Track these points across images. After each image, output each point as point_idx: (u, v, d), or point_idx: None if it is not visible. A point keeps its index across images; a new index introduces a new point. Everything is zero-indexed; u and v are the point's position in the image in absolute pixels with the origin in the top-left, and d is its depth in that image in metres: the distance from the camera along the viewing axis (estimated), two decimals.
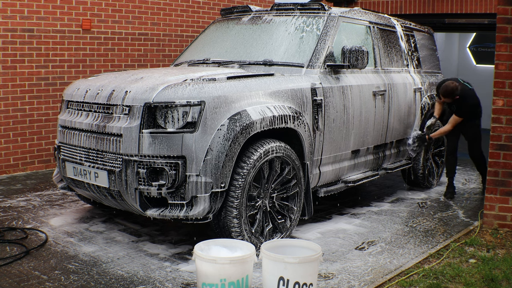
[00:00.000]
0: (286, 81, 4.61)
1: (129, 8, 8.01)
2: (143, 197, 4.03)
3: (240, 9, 5.89)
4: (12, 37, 6.84)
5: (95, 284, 3.66)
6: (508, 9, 4.78)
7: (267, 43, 5.17)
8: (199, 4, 8.99)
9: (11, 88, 6.93)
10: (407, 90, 6.17)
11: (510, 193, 4.88)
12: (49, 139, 7.34)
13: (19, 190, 6.18)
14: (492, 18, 7.82)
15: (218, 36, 5.69)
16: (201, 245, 3.50)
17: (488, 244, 4.61)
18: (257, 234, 4.25)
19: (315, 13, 5.28)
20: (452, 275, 3.90)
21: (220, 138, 3.96)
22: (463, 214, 5.58)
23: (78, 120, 4.45)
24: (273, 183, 4.36)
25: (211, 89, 4.03)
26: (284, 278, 3.29)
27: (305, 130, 4.60)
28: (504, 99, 4.84)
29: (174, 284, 3.70)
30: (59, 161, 4.68)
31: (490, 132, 4.92)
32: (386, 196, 6.34)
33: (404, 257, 4.31)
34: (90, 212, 5.33)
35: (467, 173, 7.74)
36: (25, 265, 3.98)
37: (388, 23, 6.21)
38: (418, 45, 6.80)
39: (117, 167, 4.06)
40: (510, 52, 4.81)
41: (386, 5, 9.06)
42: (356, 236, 4.79)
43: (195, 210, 3.94)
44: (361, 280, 3.81)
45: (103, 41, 7.77)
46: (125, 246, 4.43)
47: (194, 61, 5.49)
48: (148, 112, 3.97)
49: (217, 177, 3.95)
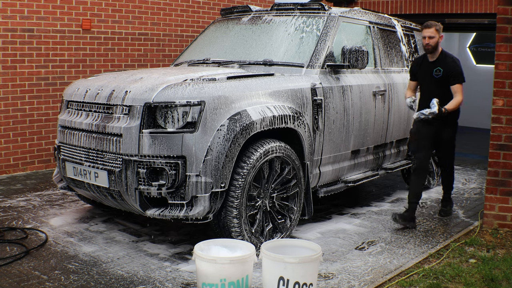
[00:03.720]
0: (286, 81, 4.61)
1: (129, 8, 8.01)
2: (143, 197, 4.03)
3: (240, 9, 5.89)
4: (12, 37, 6.84)
5: (95, 284, 3.66)
6: (508, 9, 4.77)
7: (267, 43, 5.17)
8: (199, 4, 8.98)
9: (11, 88, 6.93)
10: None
11: (510, 193, 4.88)
12: (49, 139, 7.34)
13: (19, 190, 6.18)
14: (492, 18, 7.81)
15: (218, 36, 5.69)
16: (201, 245, 3.50)
17: (488, 244, 4.61)
18: (257, 234, 4.25)
19: (315, 13, 5.28)
20: (452, 275, 3.90)
21: (220, 138, 3.96)
22: (463, 214, 5.58)
23: (78, 120, 4.45)
24: (273, 183, 4.36)
25: (211, 89, 4.03)
26: (284, 278, 3.29)
27: (305, 130, 4.59)
28: (504, 99, 4.84)
29: (174, 284, 3.70)
30: (59, 161, 4.68)
31: (490, 132, 4.92)
32: (386, 196, 6.34)
33: (404, 257, 4.31)
34: (90, 212, 5.33)
35: (467, 173, 7.74)
36: (25, 265, 3.98)
37: (388, 23, 6.21)
38: (418, 45, 6.80)
39: (117, 167, 4.06)
40: (510, 52, 4.81)
41: (386, 5, 9.06)
42: (356, 236, 4.79)
43: (195, 210, 3.94)
44: (361, 280, 3.81)
45: (103, 41, 7.77)
46: (125, 246, 4.43)
47: (194, 61, 5.49)
48: (148, 112, 3.97)
49: (217, 177, 3.95)
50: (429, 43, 5.06)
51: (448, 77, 5.07)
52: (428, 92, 5.18)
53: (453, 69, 5.06)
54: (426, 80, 5.23)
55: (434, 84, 5.15)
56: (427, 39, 5.06)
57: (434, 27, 5.05)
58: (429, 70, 5.16)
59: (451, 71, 5.05)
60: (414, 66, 5.39)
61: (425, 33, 5.07)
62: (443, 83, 5.10)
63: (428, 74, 5.18)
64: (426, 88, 5.27)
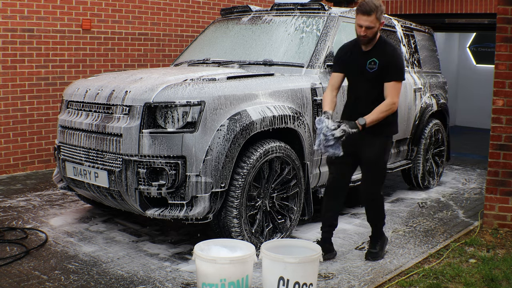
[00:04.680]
0: (286, 81, 4.61)
1: (129, 8, 8.00)
2: (143, 197, 4.03)
3: (240, 9, 5.89)
4: (12, 37, 6.84)
5: (95, 284, 3.66)
6: (508, 9, 4.77)
7: (267, 43, 5.17)
8: (199, 4, 8.98)
9: (11, 88, 6.93)
10: (407, 90, 6.17)
11: (510, 193, 4.88)
12: (49, 139, 7.33)
13: (19, 190, 6.18)
14: (492, 18, 7.81)
15: (218, 36, 5.69)
16: (201, 245, 3.50)
17: (488, 244, 4.61)
18: (257, 234, 4.25)
19: (315, 13, 5.28)
20: (452, 275, 3.90)
21: (220, 138, 3.96)
22: (463, 214, 5.58)
23: (78, 120, 4.45)
24: (273, 183, 4.36)
25: (211, 89, 4.03)
26: (284, 278, 3.29)
27: (305, 130, 4.60)
28: (504, 99, 4.84)
29: (174, 284, 3.70)
30: (59, 161, 4.68)
31: (490, 132, 4.92)
32: (386, 196, 6.33)
33: (404, 257, 4.31)
34: (90, 212, 5.33)
35: (467, 173, 7.74)
36: (25, 265, 3.98)
37: (388, 23, 6.21)
38: (418, 45, 6.80)
39: (117, 167, 4.06)
40: (510, 52, 4.81)
41: (386, 5, 9.05)
42: (356, 236, 4.79)
43: (195, 210, 3.94)
44: (361, 280, 3.81)
45: (103, 41, 7.77)
46: (125, 246, 4.43)
47: (194, 61, 5.49)
48: (148, 112, 3.98)
49: (217, 177, 3.95)
50: (366, 34, 3.76)
51: (382, 70, 3.80)
52: (357, 92, 3.97)
53: (392, 61, 3.80)
54: (356, 75, 3.95)
55: (366, 82, 3.87)
56: (363, 29, 3.74)
57: (374, 13, 3.68)
58: (361, 62, 3.87)
59: (389, 63, 3.79)
60: (342, 54, 4.02)
61: (361, 21, 3.73)
62: (379, 81, 3.84)
63: (359, 67, 3.88)
64: (354, 86, 4.01)
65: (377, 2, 3.73)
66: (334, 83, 3.99)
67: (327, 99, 3.93)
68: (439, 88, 7.05)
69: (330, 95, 3.94)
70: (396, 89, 3.78)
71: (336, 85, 3.99)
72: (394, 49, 3.87)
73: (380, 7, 3.72)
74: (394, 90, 3.78)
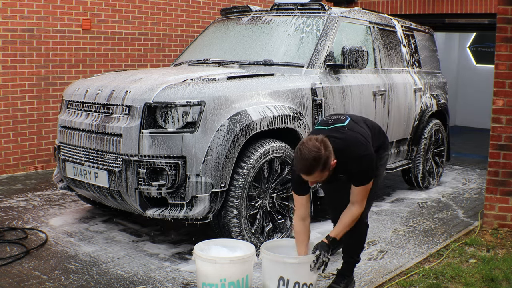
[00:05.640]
0: (286, 81, 4.61)
1: (129, 8, 8.01)
2: (143, 197, 4.03)
3: (240, 9, 5.89)
4: (12, 37, 6.84)
5: (95, 284, 3.66)
6: (508, 9, 4.78)
7: (267, 43, 5.17)
8: (199, 4, 8.98)
9: (11, 88, 6.93)
10: (407, 90, 6.17)
11: (510, 193, 4.88)
12: (49, 139, 7.33)
13: (19, 190, 6.18)
14: (492, 18, 7.81)
15: (218, 36, 5.69)
16: (201, 245, 3.50)
17: (488, 244, 4.61)
18: (257, 234, 4.25)
19: (315, 13, 5.28)
20: (452, 275, 3.90)
21: (220, 138, 3.96)
22: (463, 214, 5.58)
23: (78, 120, 4.45)
24: (273, 183, 4.36)
25: (211, 89, 4.03)
26: (284, 278, 3.29)
27: (305, 130, 4.59)
28: (504, 99, 4.84)
29: (174, 284, 3.70)
30: (59, 161, 4.68)
31: (490, 132, 4.92)
32: (386, 196, 6.34)
33: (404, 257, 4.31)
34: (90, 212, 5.33)
35: (467, 173, 7.74)
36: (25, 265, 3.98)
37: (388, 23, 6.21)
38: (418, 45, 6.80)
39: (117, 167, 4.06)
40: (510, 52, 4.81)
41: (386, 5, 9.06)
42: None
43: (195, 210, 3.94)
44: (361, 280, 3.81)
45: (103, 41, 7.77)
46: (125, 246, 4.43)
47: (194, 61, 5.49)
48: (148, 112, 3.98)
49: (217, 177, 3.95)
50: (317, 181, 3.27)
51: (351, 177, 3.38)
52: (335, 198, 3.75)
53: (358, 168, 3.31)
54: (330, 186, 3.73)
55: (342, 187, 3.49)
56: (309, 183, 3.29)
57: (317, 170, 3.09)
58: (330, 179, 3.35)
59: (356, 172, 3.33)
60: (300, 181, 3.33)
61: (304, 178, 3.21)
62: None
63: (327, 182, 3.45)
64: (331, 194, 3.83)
65: (317, 153, 3.05)
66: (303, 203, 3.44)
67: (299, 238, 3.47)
68: (439, 88, 7.05)
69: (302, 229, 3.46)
70: (364, 194, 3.40)
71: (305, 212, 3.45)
72: (357, 158, 3.29)
73: (322, 158, 3.06)
74: (361, 196, 3.38)
